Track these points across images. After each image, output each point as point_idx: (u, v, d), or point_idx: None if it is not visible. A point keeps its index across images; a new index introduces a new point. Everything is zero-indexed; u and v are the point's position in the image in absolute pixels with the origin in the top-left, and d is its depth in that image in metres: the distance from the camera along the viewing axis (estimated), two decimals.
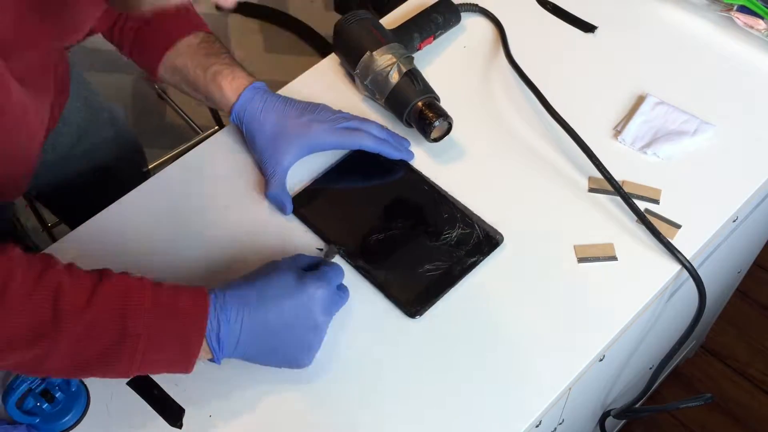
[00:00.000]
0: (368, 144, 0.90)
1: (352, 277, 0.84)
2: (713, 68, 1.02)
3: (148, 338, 0.68)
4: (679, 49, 1.04)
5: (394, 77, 0.92)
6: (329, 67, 1.04)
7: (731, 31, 1.04)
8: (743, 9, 1.02)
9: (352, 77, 0.99)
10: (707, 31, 1.05)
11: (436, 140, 0.92)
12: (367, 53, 0.94)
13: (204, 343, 0.70)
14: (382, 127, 0.93)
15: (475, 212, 0.88)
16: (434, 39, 1.04)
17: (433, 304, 0.82)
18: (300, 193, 0.91)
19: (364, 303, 0.82)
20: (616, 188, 0.87)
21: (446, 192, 0.90)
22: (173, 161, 0.96)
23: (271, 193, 0.89)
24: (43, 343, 0.65)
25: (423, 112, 0.91)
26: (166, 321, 0.69)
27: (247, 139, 0.92)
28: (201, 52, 0.92)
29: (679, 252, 0.84)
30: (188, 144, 2.02)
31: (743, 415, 1.76)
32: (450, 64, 1.03)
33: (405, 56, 0.94)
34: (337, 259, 0.84)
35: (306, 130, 0.89)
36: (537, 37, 1.05)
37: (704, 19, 1.06)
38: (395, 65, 0.93)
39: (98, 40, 0.97)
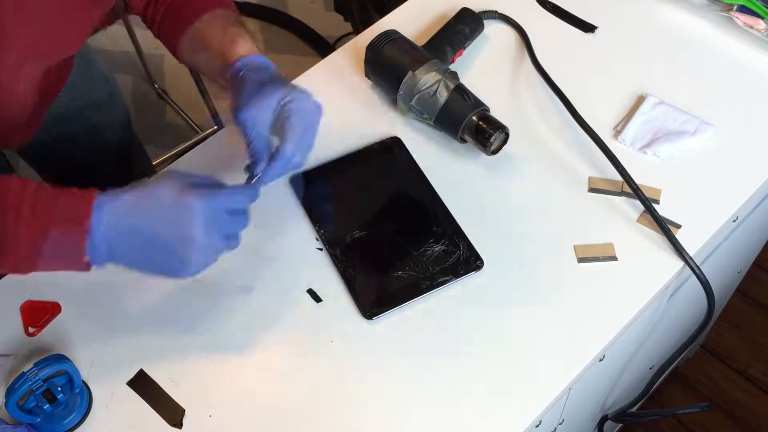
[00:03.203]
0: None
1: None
2: (713, 68, 1.02)
3: (28, 248, 0.69)
4: (679, 49, 1.04)
5: (443, 95, 0.91)
6: (329, 67, 1.04)
7: (731, 31, 1.04)
8: (743, 9, 1.03)
9: (392, 101, 0.97)
10: (707, 31, 1.06)
11: (495, 152, 0.92)
12: (409, 73, 0.92)
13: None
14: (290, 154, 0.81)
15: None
16: (464, 50, 1.03)
17: (389, 309, 0.82)
18: (311, 170, 0.92)
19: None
20: (634, 189, 0.87)
21: (447, 207, 0.89)
22: (173, 161, 0.96)
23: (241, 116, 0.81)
24: None
25: (479, 127, 0.90)
26: (45, 230, 0.69)
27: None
28: (223, 23, 0.90)
29: (683, 249, 0.84)
30: (188, 143, 2.03)
31: (743, 415, 1.76)
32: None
33: (448, 72, 0.93)
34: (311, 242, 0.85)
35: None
36: (537, 37, 1.04)
37: (704, 19, 1.06)
38: (441, 82, 0.91)
39: (98, 40, 0.98)
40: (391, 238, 0.87)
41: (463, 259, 0.84)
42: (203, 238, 0.72)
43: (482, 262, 0.84)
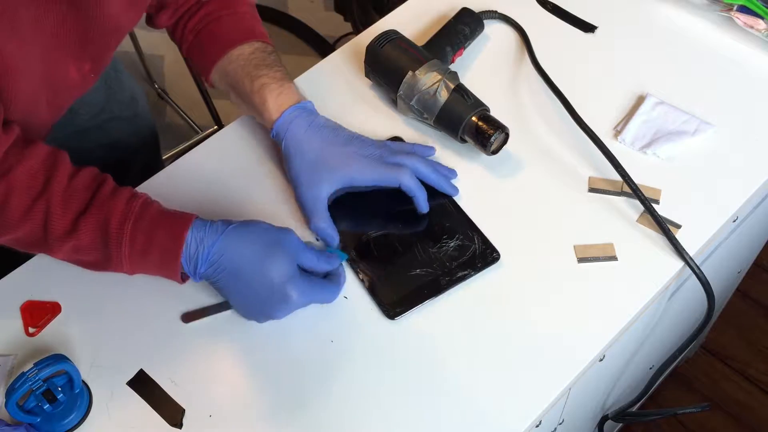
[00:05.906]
0: (407, 184, 0.86)
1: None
2: (713, 68, 1.02)
3: (130, 262, 0.77)
4: (679, 49, 1.04)
5: (443, 95, 0.90)
6: (329, 67, 1.04)
7: (731, 31, 1.04)
8: (743, 9, 1.03)
9: (392, 101, 0.97)
10: (707, 31, 1.06)
11: (495, 152, 0.92)
12: (409, 73, 0.92)
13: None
14: (428, 162, 0.89)
15: (479, 224, 0.87)
16: (464, 50, 1.03)
17: (412, 308, 0.82)
18: None
19: (351, 297, 0.83)
20: (634, 190, 0.87)
21: (457, 202, 0.89)
22: (173, 161, 0.96)
23: (317, 226, 0.86)
24: (42, 249, 0.79)
25: (479, 127, 0.90)
26: (143, 254, 0.77)
27: (285, 159, 0.88)
28: (252, 62, 0.90)
29: (683, 249, 0.84)
30: (188, 143, 2.03)
31: (743, 415, 1.76)
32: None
33: (449, 72, 0.92)
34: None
35: (348, 162, 0.86)
36: (537, 37, 1.04)
37: (704, 19, 1.06)
38: (441, 82, 0.91)
39: None
40: (404, 237, 0.87)
41: (479, 253, 0.85)
42: (281, 315, 0.79)
43: (498, 254, 0.84)
